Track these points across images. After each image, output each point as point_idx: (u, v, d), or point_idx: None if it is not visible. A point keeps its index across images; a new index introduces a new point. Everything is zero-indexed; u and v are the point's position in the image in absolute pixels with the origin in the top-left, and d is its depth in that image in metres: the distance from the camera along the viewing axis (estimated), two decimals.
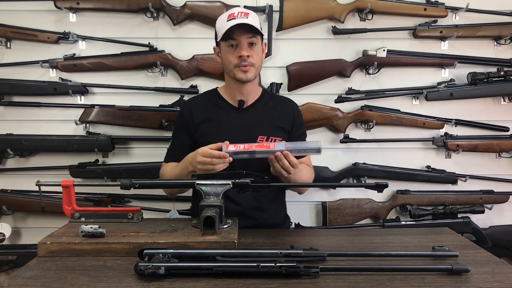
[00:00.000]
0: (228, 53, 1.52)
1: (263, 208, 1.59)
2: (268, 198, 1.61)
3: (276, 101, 1.69)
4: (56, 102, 2.10)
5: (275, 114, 1.63)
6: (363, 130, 2.16)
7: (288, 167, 1.36)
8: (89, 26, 2.08)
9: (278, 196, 1.68)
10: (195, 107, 1.64)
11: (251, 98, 1.63)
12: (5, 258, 2.01)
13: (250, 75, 1.52)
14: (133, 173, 2.08)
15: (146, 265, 1.01)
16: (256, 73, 1.55)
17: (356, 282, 1.01)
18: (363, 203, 2.15)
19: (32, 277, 1.04)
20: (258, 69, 1.55)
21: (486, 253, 1.22)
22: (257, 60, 1.53)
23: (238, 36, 1.48)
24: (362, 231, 1.88)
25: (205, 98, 1.70)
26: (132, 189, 1.30)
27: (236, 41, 1.49)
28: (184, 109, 1.68)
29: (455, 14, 2.12)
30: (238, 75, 1.52)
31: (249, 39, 1.49)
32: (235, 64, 1.51)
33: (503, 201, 2.17)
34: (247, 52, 1.48)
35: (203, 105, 1.65)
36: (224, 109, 1.62)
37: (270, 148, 1.36)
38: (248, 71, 1.51)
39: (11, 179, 2.14)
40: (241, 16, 1.48)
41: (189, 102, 1.74)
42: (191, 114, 1.62)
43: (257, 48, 1.52)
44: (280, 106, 1.66)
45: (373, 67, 2.10)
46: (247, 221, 1.51)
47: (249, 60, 1.49)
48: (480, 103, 2.18)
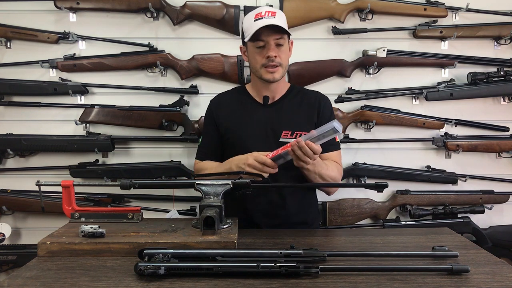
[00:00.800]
0: (255, 53, 1.52)
1: (286, 207, 1.57)
2: (293, 195, 1.58)
3: (303, 94, 1.68)
4: (56, 102, 2.10)
5: (301, 108, 1.62)
6: (363, 130, 2.16)
7: (305, 156, 1.33)
8: (89, 26, 2.08)
9: (306, 195, 1.66)
10: (222, 102, 1.66)
11: (278, 94, 1.63)
12: (5, 258, 2.01)
13: (277, 75, 1.52)
14: (133, 173, 2.08)
15: (146, 265, 1.01)
16: (283, 72, 1.55)
17: (356, 282, 1.01)
18: (363, 203, 2.15)
19: (32, 277, 1.04)
20: (285, 69, 1.56)
21: (486, 253, 1.22)
22: (284, 59, 1.53)
23: (266, 37, 1.48)
24: (362, 231, 1.88)
25: (232, 94, 1.71)
26: (132, 189, 1.30)
27: (263, 42, 1.49)
28: (211, 104, 1.70)
29: (455, 14, 2.12)
30: (265, 76, 1.52)
31: (276, 40, 1.49)
32: (262, 64, 1.51)
33: (503, 201, 2.17)
34: (274, 52, 1.49)
35: (229, 101, 1.66)
36: (249, 105, 1.63)
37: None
38: (275, 72, 1.51)
39: (11, 179, 2.14)
40: (268, 16, 1.47)
41: (217, 97, 1.74)
42: (218, 109, 1.64)
43: (284, 48, 1.52)
44: (306, 100, 1.64)
45: (373, 67, 2.10)
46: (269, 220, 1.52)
47: (276, 60, 1.50)
48: (480, 103, 2.18)
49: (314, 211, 1.71)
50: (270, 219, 1.54)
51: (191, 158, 2.15)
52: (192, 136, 2.05)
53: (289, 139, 1.52)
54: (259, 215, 1.56)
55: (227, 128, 1.60)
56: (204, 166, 1.64)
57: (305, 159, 1.34)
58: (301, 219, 1.61)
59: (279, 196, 1.56)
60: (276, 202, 1.56)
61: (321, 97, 1.68)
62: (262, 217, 1.55)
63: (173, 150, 2.15)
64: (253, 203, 1.55)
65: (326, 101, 1.68)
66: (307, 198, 1.67)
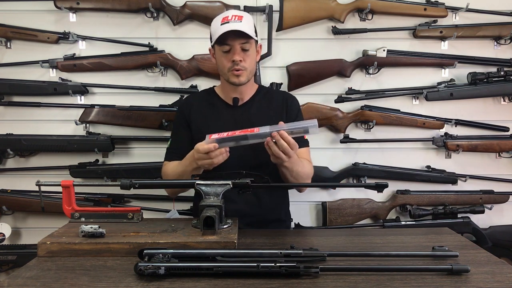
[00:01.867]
0: (222, 57, 1.54)
1: (262, 205, 1.59)
2: (266, 194, 1.60)
3: (271, 95, 1.70)
4: (56, 102, 2.10)
5: (270, 108, 1.65)
6: (363, 130, 2.16)
7: (287, 148, 1.33)
8: (89, 26, 2.08)
9: (280, 193, 1.69)
10: (193, 104, 1.68)
11: (246, 96, 1.65)
12: (5, 258, 2.01)
13: (242, 78, 1.54)
14: (133, 173, 2.08)
15: (146, 265, 1.01)
16: (249, 76, 1.57)
17: (356, 282, 1.01)
18: (363, 203, 2.15)
19: (32, 277, 1.04)
20: (251, 72, 1.58)
21: (486, 253, 1.22)
22: (250, 64, 1.55)
23: (231, 42, 1.50)
24: (362, 231, 1.88)
25: (202, 96, 1.74)
26: (132, 189, 1.30)
27: (229, 46, 1.51)
28: (182, 106, 1.72)
29: (455, 14, 2.12)
30: (231, 79, 1.55)
31: (242, 44, 1.51)
32: (228, 68, 1.53)
33: (503, 201, 2.17)
34: (239, 57, 1.51)
35: (199, 103, 1.68)
36: (219, 106, 1.65)
37: (254, 131, 1.34)
38: (240, 75, 1.53)
39: (11, 179, 2.14)
40: (234, 20, 1.49)
41: (187, 99, 1.77)
42: (189, 110, 1.66)
43: (250, 52, 1.54)
44: (274, 100, 1.67)
45: (373, 67, 2.10)
46: (246, 219, 1.52)
47: (241, 65, 1.52)
48: (480, 103, 2.18)
49: (287, 208, 1.73)
50: (247, 219, 1.53)
51: None
52: None
53: None
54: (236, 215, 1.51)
55: (197, 129, 1.61)
56: (167, 166, 1.63)
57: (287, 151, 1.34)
58: (276, 216, 1.65)
59: (254, 195, 1.56)
60: (251, 201, 1.57)
61: (288, 96, 1.71)
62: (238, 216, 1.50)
63: None
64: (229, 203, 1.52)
65: (293, 100, 1.70)
66: (281, 196, 1.70)
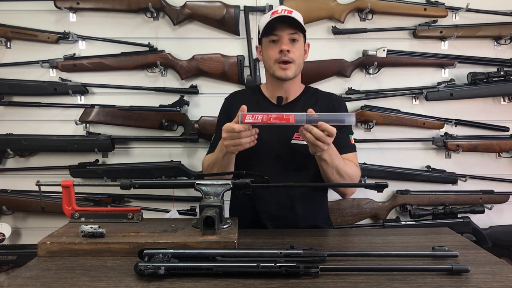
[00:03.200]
0: (269, 48, 1.49)
1: (294, 209, 1.53)
2: (303, 198, 1.55)
3: (318, 96, 1.64)
4: (56, 102, 2.10)
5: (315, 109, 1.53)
6: (363, 130, 2.16)
7: (322, 136, 1.26)
8: (89, 26, 2.09)
9: (316, 197, 1.61)
10: (236, 101, 1.63)
11: (292, 95, 1.59)
12: (5, 258, 2.01)
13: (289, 72, 1.48)
14: (133, 173, 2.08)
15: (146, 265, 1.00)
16: (296, 70, 1.51)
17: (356, 282, 1.01)
18: (363, 203, 2.15)
19: (32, 277, 1.04)
20: (299, 67, 1.52)
21: (486, 253, 1.22)
22: (298, 57, 1.49)
23: (279, 31, 1.46)
24: (362, 231, 1.88)
25: (246, 93, 1.71)
26: (132, 189, 1.29)
27: (277, 36, 1.47)
28: (226, 101, 1.68)
29: (455, 14, 2.12)
30: (277, 73, 1.49)
31: (291, 35, 1.46)
32: (275, 59, 1.48)
33: (503, 201, 2.17)
34: (287, 46, 1.45)
35: (243, 99, 1.62)
36: (262, 105, 1.60)
37: (290, 121, 1.27)
38: (287, 69, 1.48)
39: (11, 179, 2.14)
40: (284, 13, 1.47)
41: (232, 94, 1.72)
42: (232, 106, 1.61)
43: (299, 45, 1.49)
44: (320, 101, 1.60)
45: (373, 67, 2.10)
46: (277, 222, 1.50)
47: (289, 56, 1.46)
48: (480, 103, 2.18)
49: (324, 215, 1.66)
50: (278, 221, 1.51)
51: (191, 158, 2.16)
52: (192, 136, 2.05)
53: (301, 141, 1.46)
54: (267, 217, 1.53)
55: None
56: (205, 159, 1.62)
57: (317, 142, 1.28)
58: (310, 223, 1.56)
59: (288, 197, 1.53)
60: (284, 204, 1.53)
61: (335, 99, 1.65)
62: (269, 219, 1.52)
63: (173, 150, 2.15)
64: (261, 204, 1.53)
65: (340, 103, 1.64)
66: (317, 201, 1.62)
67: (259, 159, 1.51)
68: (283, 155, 1.51)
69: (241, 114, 1.27)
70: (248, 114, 1.27)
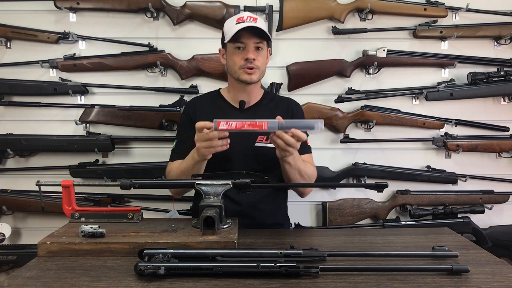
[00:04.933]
0: (234, 55, 1.54)
1: (261, 208, 1.59)
2: (268, 197, 1.61)
3: (276, 101, 1.71)
4: (56, 102, 2.10)
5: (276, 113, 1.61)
6: (363, 130, 2.16)
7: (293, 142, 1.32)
8: (89, 26, 2.09)
9: (279, 196, 1.69)
10: (199, 106, 1.67)
11: (253, 99, 1.65)
12: (5, 258, 2.01)
13: (254, 77, 1.54)
14: (133, 173, 2.08)
15: (146, 265, 1.01)
16: (260, 76, 1.57)
17: (356, 282, 1.01)
18: (363, 203, 2.15)
19: (32, 277, 1.04)
20: (262, 73, 1.58)
21: (486, 253, 1.22)
22: (262, 64, 1.56)
23: (246, 39, 1.51)
24: (362, 231, 1.88)
25: (208, 98, 1.72)
26: (132, 189, 1.29)
27: (243, 44, 1.51)
28: (188, 107, 1.71)
29: (455, 14, 2.12)
30: (243, 77, 1.54)
31: (256, 43, 1.52)
32: (240, 66, 1.53)
33: (503, 201, 2.17)
34: (253, 55, 1.51)
35: (205, 105, 1.67)
36: (225, 109, 1.64)
37: (263, 128, 1.32)
38: (253, 74, 1.53)
39: (11, 179, 2.14)
40: (250, 20, 1.51)
41: (193, 100, 1.76)
42: (195, 111, 1.64)
43: (263, 52, 1.56)
44: (279, 106, 1.67)
45: (373, 67, 2.10)
46: (245, 220, 1.52)
47: (255, 63, 1.52)
48: (480, 103, 2.18)
49: (285, 212, 1.74)
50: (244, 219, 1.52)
51: None
52: None
53: (264, 143, 1.55)
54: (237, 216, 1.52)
55: None
56: (171, 165, 1.63)
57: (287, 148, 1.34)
58: (274, 220, 1.64)
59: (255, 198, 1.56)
60: (253, 203, 1.57)
61: (293, 104, 1.71)
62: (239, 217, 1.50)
63: None
64: (231, 203, 1.55)
65: (298, 107, 1.71)
66: (280, 200, 1.70)
67: (226, 163, 1.54)
68: (248, 157, 1.55)
69: (215, 121, 1.30)
70: (222, 120, 1.30)
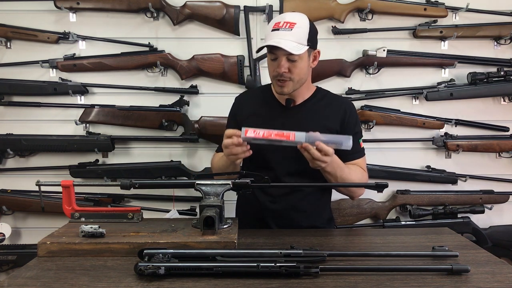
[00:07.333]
0: (269, 63, 1.50)
1: (300, 209, 1.55)
2: (310, 198, 1.57)
3: (328, 100, 1.61)
4: (56, 102, 2.10)
5: (324, 113, 1.57)
6: (363, 130, 2.16)
7: (319, 157, 1.31)
8: (89, 26, 2.08)
9: (322, 198, 1.63)
10: (246, 100, 1.66)
11: (300, 98, 1.58)
12: (5, 258, 2.01)
13: (286, 89, 1.48)
14: (133, 173, 2.08)
15: (146, 265, 1.01)
16: (295, 85, 1.49)
17: (356, 282, 1.01)
18: (363, 203, 2.15)
19: (32, 277, 1.04)
20: (299, 82, 1.49)
21: (486, 253, 1.22)
22: (298, 74, 1.46)
23: (277, 51, 1.43)
24: (362, 231, 1.88)
25: (258, 93, 1.71)
26: (132, 189, 1.30)
27: (275, 55, 1.45)
28: (236, 101, 1.69)
29: (455, 14, 2.12)
30: (275, 88, 1.51)
31: (288, 55, 1.43)
32: (273, 76, 1.49)
33: (503, 201, 2.17)
34: (284, 68, 1.44)
35: (254, 99, 1.65)
36: (272, 106, 1.60)
37: (290, 139, 1.31)
38: (284, 86, 1.47)
39: (11, 179, 2.14)
40: (285, 28, 1.42)
41: (243, 94, 1.74)
42: (241, 105, 1.64)
43: (298, 62, 1.45)
44: (331, 105, 1.59)
45: (373, 67, 2.10)
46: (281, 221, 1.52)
47: (286, 76, 1.45)
48: (480, 103, 2.18)
49: (327, 216, 1.67)
50: (281, 221, 1.52)
51: (191, 158, 2.16)
52: (192, 136, 2.05)
53: None
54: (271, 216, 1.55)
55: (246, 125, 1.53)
56: (214, 157, 1.66)
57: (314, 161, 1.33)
58: (313, 223, 1.57)
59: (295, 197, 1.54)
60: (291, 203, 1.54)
61: (347, 104, 1.62)
62: (273, 217, 1.54)
63: (173, 150, 2.15)
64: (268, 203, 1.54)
65: (352, 108, 1.61)
66: (322, 202, 1.64)
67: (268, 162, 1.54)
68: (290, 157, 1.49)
69: (243, 129, 1.32)
70: (250, 129, 1.32)
